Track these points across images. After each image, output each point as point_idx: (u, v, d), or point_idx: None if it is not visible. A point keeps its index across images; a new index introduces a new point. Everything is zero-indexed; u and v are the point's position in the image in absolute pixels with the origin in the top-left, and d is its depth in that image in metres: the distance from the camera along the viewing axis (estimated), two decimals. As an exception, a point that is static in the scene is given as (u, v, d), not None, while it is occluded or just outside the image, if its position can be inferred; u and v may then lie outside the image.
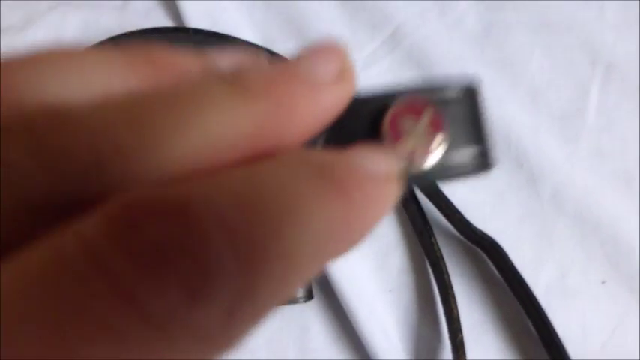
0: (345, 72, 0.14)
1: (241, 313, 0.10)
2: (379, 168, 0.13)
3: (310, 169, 0.12)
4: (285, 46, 0.43)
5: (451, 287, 0.35)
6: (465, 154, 0.15)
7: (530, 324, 0.36)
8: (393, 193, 0.13)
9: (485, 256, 0.37)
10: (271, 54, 0.39)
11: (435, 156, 0.15)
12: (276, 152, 0.12)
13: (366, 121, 0.15)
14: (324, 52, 0.14)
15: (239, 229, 0.10)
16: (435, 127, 0.15)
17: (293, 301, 0.18)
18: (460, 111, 0.15)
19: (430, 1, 0.45)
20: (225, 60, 0.14)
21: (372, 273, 0.38)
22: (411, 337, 0.36)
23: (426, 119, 0.15)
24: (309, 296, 0.31)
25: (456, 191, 0.37)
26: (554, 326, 0.34)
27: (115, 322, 0.09)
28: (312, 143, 0.14)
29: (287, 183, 0.11)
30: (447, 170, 0.15)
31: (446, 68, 0.43)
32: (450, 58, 0.43)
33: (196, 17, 0.42)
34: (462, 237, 0.38)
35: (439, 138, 0.15)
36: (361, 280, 0.36)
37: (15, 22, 0.43)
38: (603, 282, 0.38)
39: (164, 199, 0.10)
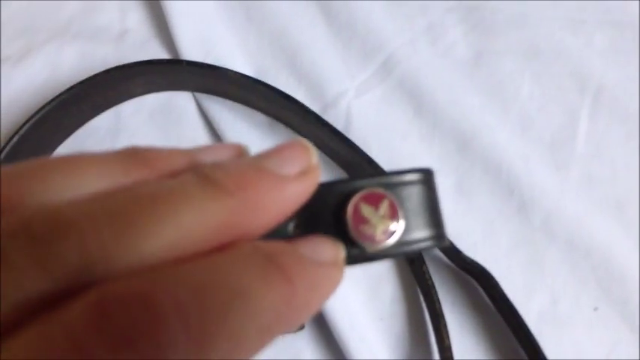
0: (309, 168, 0.16)
1: None
2: (322, 255, 0.15)
3: (259, 258, 0.14)
4: (277, 77, 0.44)
5: (442, 316, 0.35)
6: (420, 234, 0.18)
7: (522, 352, 0.36)
8: (335, 277, 0.15)
9: (476, 284, 0.38)
10: (265, 87, 0.40)
11: (391, 239, 0.17)
12: (243, 239, 0.14)
13: (331, 208, 0.17)
14: (292, 150, 0.16)
15: (195, 315, 0.12)
16: (392, 215, 0.17)
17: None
18: (415, 195, 0.18)
19: (421, 30, 0.46)
20: (208, 155, 0.16)
21: (364, 302, 0.38)
22: (402, 366, 0.37)
23: (383, 209, 0.17)
24: (300, 326, 0.31)
25: (446, 220, 0.38)
26: (546, 354, 0.34)
27: None
28: (284, 226, 0.16)
29: (237, 272, 0.13)
30: (402, 248, 0.17)
31: (436, 97, 0.43)
32: (441, 87, 0.44)
33: (191, 48, 0.43)
34: (453, 265, 0.38)
35: (395, 224, 0.17)
36: (353, 309, 0.37)
37: (13, 52, 0.44)
38: (595, 309, 0.38)
39: (132, 290, 0.12)
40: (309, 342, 0.37)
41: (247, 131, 0.42)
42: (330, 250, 0.15)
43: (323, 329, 0.37)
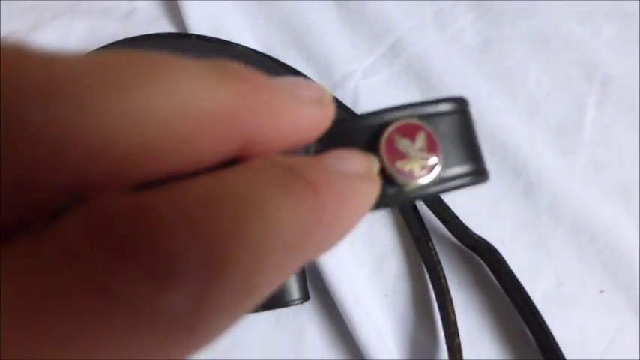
0: (323, 98, 0.14)
1: (209, 304, 0.10)
2: (352, 167, 0.14)
3: (279, 169, 0.12)
4: (285, 56, 0.44)
5: (448, 292, 0.35)
6: (460, 169, 0.16)
7: (527, 329, 0.36)
8: (368, 192, 0.14)
9: (482, 262, 0.37)
10: (273, 61, 0.40)
11: (431, 175, 0.15)
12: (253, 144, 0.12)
13: (362, 143, 0.15)
14: (306, 82, 0.14)
15: (203, 225, 0.10)
16: (430, 149, 0.15)
17: (289, 303, 0.18)
18: (452, 126, 0.16)
19: (430, 15, 0.46)
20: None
21: (369, 278, 0.37)
22: (407, 341, 0.36)
23: (420, 142, 0.15)
24: (304, 297, 0.31)
25: (452, 199, 0.37)
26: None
27: (89, 307, 0.10)
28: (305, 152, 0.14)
29: (253, 182, 0.12)
30: (443, 186, 0.16)
31: (444, 80, 0.43)
32: (449, 71, 0.44)
33: (199, 26, 0.43)
34: (458, 243, 0.38)
35: (434, 159, 0.15)
36: (357, 285, 0.36)
37: (21, 27, 0.44)
38: (601, 291, 0.38)
39: (134, 201, 0.10)
40: (312, 316, 0.36)
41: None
42: (360, 161, 0.14)
43: (327, 304, 0.36)
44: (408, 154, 0.15)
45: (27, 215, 0.10)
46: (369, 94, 0.43)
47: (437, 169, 0.15)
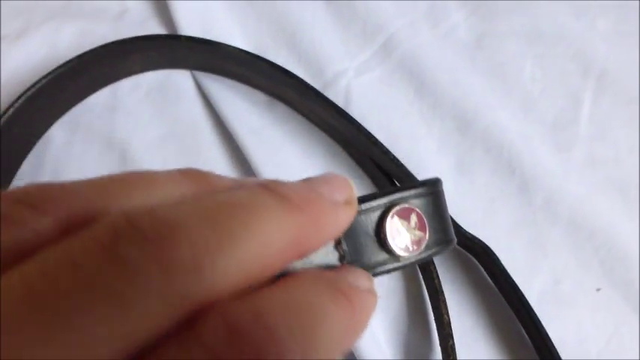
0: (351, 198, 0.17)
1: None
2: (363, 284, 0.17)
3: (325, 283, 0.15)
4: (276, 55, 0.43)
5: (442, 292, 0.34)
6: (438, 239, 0.20)
7: (522, 330, 0.35)
8: (374, 302, 0.17)
9: (476, 262, 0.37)
10: (263, 61, 0.39)
11: (421, 247, 0.19)
12: (303, 254, 0.16)
13: (370, 229, 0.19)
14: (339, 181, 0.17)
15: (297, 329, 0.13)
16: (421, 227, 0.19)
17: None
18: (433, 205, 0.20)
19: (422, 11, 0.45)
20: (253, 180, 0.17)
21: (362, 279, 0.37)
22: (400, 343, 0.36)
23: (413, 221, 0.19)
24: None
25: (446, 198, 0.37)
26: (547, 332, 0.33)
27: None
28: (336, 245, 0.18)
29: (317, 294, 0.15)
30: (428, 253, 0.20)
31: (437, 77, 0.43)
32: (442, 68, 0.43)
33: (190, 26, 0.43)
34: (453, 243, 0.37)
35: (423, 234, 0.19)
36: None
37: (11, 30, 0.44)
38: (598, 290, 0.37)
39: (254, 310, 0.13)
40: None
41: (246, 110, 0.41)
42: (367, 279, 0.17)
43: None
44: (405, 232, 0.19)
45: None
46: (362, 93, 0.42)
47: (424, 242, 0.19)
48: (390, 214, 0.19)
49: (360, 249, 0.18)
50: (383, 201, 0.19)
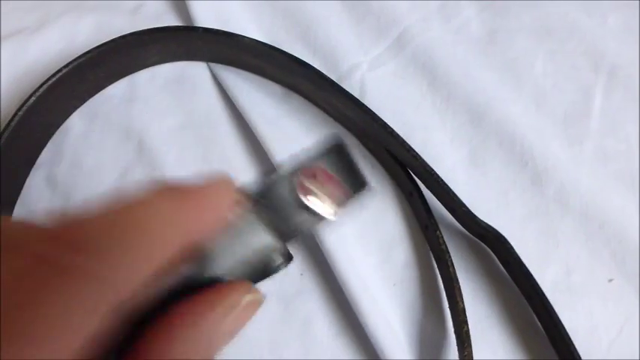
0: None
1: None
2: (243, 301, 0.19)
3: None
4: (291, 49, 0.44)
5: (456, 280, 0.35)
6: (352, 186, 0.22)
7: (535, 319, 0.36)
8: (259, 304, 0.20)
9: (490, 251, 0.37)
10: (280, 53, 0.40)
11: (337, 199, 0.21)
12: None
13: (286, 194, 0.20)
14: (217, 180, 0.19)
15: None
16: (329, 181, 0.21)
17: (274, 270, 0.19)
18: (336, 161, 0.22)
19: (435, 7, 0.46)
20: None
21: (377, 267, 0.37)
22: (415, 331, 0.36)
23: (321, 178, 0.21)
24: (288, 259, 0.30)
25: (459, 189, 0.37)
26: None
27: None
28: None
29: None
30: (345, 203, 0.21)
31: (450, 71, 0.43)
32: (454, 62, 0.44)
33: (205, 20, 0.43)
34: (466, 232, 0.38)
35: (334, 187, 0.21)
36: (365, 274, 0.36)
37: (29, 23, 0.44)
38: (610, 280, 0.38)
39: None
40: (320, 306, 0.36)
41: (262, 101, 0.42)
42: (245, 293, 0.19)
43: (334, 293, 0.36)
44: (317, 189, 0.21)
45: None
46: (376, 86, 0.43)
47: (337, 194, 0.21)
48: (299, 177, 0.20)
49: (284, 216, 0.20)
50: (288, 169, 0.21)
